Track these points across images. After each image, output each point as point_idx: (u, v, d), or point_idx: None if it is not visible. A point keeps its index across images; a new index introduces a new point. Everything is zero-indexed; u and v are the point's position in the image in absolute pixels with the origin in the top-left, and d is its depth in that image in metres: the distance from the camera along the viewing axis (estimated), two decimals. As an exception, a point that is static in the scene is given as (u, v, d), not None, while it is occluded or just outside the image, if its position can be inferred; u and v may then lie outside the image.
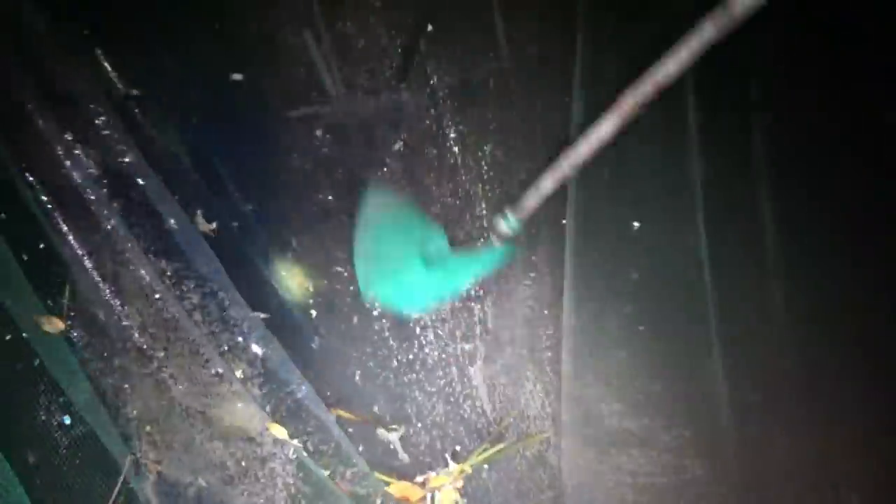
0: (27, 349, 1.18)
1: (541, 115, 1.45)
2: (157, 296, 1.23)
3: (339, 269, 1.49)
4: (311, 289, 1.50)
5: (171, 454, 1.26)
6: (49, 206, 1.20)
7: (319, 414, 1.27)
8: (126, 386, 1.25)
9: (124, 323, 1.23)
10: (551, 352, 1.46)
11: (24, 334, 1.18)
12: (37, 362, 1.19)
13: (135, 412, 1.26)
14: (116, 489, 1.24)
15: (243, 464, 1.26)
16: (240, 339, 1.25)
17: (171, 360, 1.24)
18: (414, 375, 1.49)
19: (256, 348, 1.26)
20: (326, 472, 1.27)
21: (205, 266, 1.27)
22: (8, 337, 1.17)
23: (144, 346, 1.23)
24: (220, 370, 1.24)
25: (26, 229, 1.21)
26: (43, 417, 1.18)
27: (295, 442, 1.27)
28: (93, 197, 1.22)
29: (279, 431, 1.26)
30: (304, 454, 1.25)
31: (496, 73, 1.44)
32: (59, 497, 1.17)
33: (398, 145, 1.46)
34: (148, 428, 1.26)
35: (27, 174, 1.19)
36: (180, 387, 1.24)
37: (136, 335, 1.23)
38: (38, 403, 1.18)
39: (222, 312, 1.25)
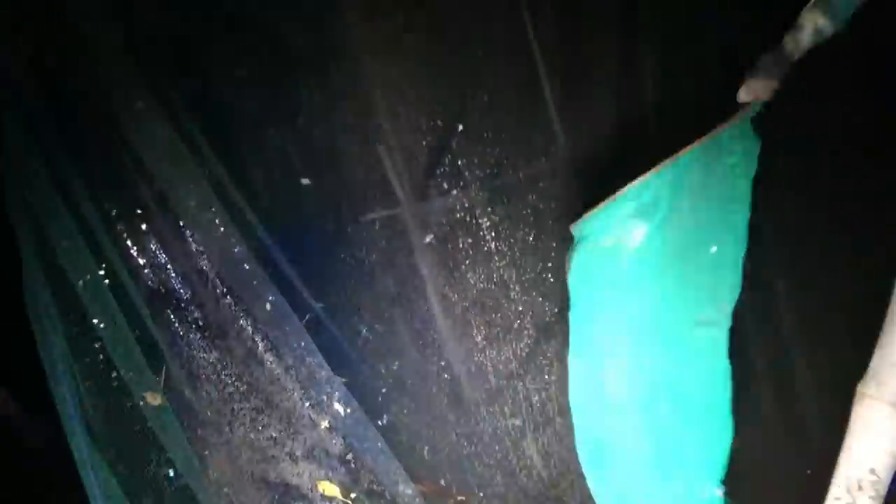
0: (140, 415, 1.42)
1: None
2: (227, 372, 1.43)
3: (406, 351, 1.66)
4: (378, 370, 1.66)
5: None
6: (154, 299, 1.46)
7: (394, 468, 1.37)
8: (206, 452, 1.41)
9: (203, 399, 1.43)
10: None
11: (140, 403, 1.41)
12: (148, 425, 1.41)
13: (214, 475, 1.40)
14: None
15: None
16: (324, 397, 1.41)
17: (235, 430, 1.41)
18: (473, 448, 1.60)
19: (339, 406, 1.41)
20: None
21: (295, 336, 1.47)
22: (129, 405, 1.43)
23: (217, 419, 1.41)
24: (274, 434, 1.40)
25: (136, 321, 1.45)
26: (154, 471, 1.34)
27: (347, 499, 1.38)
28: (196, 290, 1.48)
29: (329, 489, 1.38)
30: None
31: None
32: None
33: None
34: (225, 489, 1.40)
35: (136, 274, 1.46)
36: (244, 454, 1.40)
37: (209, 411, 1.42)
38: (150, 459, 1.38)
39: (311, 374, 1.42)
